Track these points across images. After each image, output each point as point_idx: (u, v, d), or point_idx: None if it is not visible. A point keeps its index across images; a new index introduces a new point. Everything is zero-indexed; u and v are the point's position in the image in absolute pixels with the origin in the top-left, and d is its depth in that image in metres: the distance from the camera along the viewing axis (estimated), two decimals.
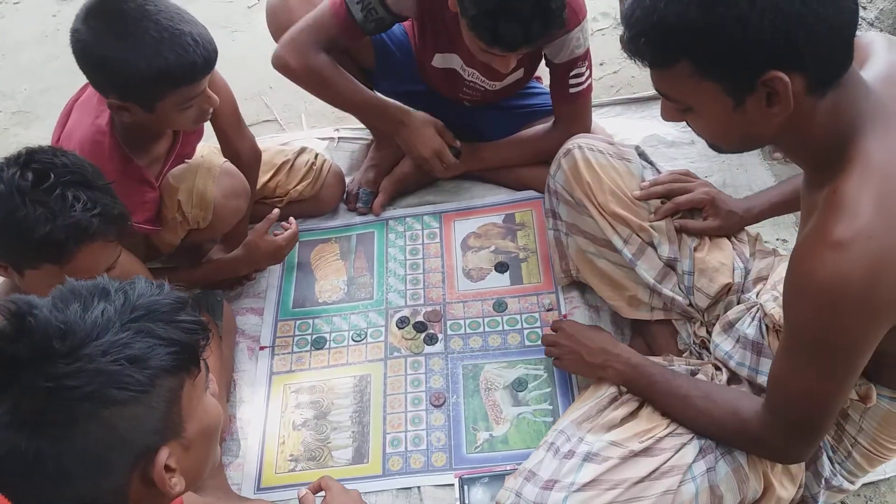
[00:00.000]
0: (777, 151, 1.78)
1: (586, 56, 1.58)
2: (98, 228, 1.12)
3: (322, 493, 1.09)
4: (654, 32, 0.85)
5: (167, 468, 0.70)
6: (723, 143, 0.97)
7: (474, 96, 1.72)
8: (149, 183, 1.44)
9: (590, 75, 1.62)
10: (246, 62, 2.25)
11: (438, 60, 1.64)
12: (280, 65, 1.59)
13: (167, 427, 0.70)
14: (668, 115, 0.96)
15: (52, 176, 1.09)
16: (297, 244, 1.77)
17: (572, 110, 1.64)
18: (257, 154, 1.67)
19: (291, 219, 1.65)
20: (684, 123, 0.97)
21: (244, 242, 1.61)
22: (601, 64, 2.16)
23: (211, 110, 1.41)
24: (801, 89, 0.82)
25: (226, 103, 1.56)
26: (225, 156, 1.64)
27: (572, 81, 1.59)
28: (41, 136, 2.24)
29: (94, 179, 1.15)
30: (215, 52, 1.32)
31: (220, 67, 1.59)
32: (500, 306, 1.60)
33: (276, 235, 1.62)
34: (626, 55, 0.91)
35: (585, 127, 1.65)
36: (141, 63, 1.23)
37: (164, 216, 1.49)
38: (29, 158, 1.11)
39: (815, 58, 0.80)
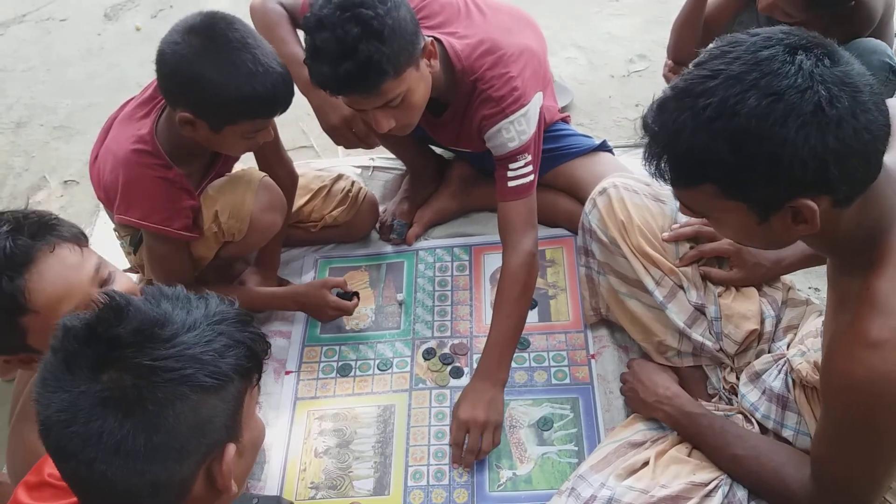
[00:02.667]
0: None
1: (526, 150, 1.46)
2: (22, 256, 0.96)
3: None
4: (678, 158, 0.83)
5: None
6: (746, 245, 1.01)
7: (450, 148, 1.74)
8: (188, 191, 1.47)
9: (532, 172, 1.48)
10: None
11: None
12: (250, 6, 1.60)
13: (233, 426, 0.74)
14: (687, 214, 0.96)
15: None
16: (328, 270, 1.79)
17: (512, 206, 1.47)
18: (295, 178, 1.70)
19: (356, 300, 1.64)
20: None
21: (305, 289, 1.63)
22: (637, 105, 2.18)
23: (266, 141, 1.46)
24: (828, 207, 0.82)
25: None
26: None
27: (510, 174, 1.46)
28: (81, 150, 2.30)
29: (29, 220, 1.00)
30: (293, 93, 1.38)
31: None
32: (522, 343, 1.58)
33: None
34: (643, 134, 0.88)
35: (524, 231, 1.46)
36: (232, 88, 1.29)
37: (200, 228, 1.51)
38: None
39: (844, 183, 0.80)
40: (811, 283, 1.64)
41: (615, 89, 2.25)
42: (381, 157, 2.06)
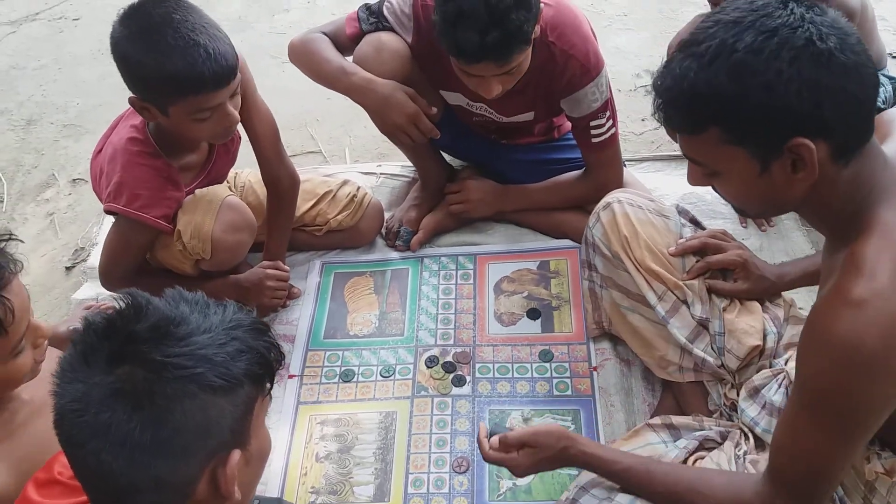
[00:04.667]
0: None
1: (606, 107, 1.59)
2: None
3: None
4: (684, 100, 0.87)
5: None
6: (748, 206, 1.00)
7: (488, 126, 1.76)
8: (174, 182, 1.49)
9: (613, 124, 1.63)
10: (293, 93, 2.30)
11: (446, 97, 1.69)
12: (289, 45, 1.64)
13: (241, 431, 0.75)
14: (694, 180, 0.98)
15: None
16: (333, 275, 1.80)
17: (599, 159, 1.67)
18: (296, 181, 1.71)
19: (288, 269, 1.70)
20: None
21: (244, 275, 1.66)
22: (643, 119, 2.19)
23: (233, 128, 1.45)
24: (826, 156, 0.85)
25: (267, 129, 1.62)
26: (265, 180, 1.69)
27: (594, 132, 1.61)
28: (90, 148, 2.28)
29: None
30: (229, 69, 1.35)
31: (268, 96, 1.64)
32: (545, 355, 1.59)
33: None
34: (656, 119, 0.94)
35: (616, 174, 1.68)
36: (152, 66, 1.30)
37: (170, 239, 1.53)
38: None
39: (840, 126, 0.83)
40: (814, 301, 1.65)
41: (622, 104, 2.25)
42: (389, 163, 2.08)
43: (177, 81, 1.31)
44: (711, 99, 0.85)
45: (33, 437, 1.05)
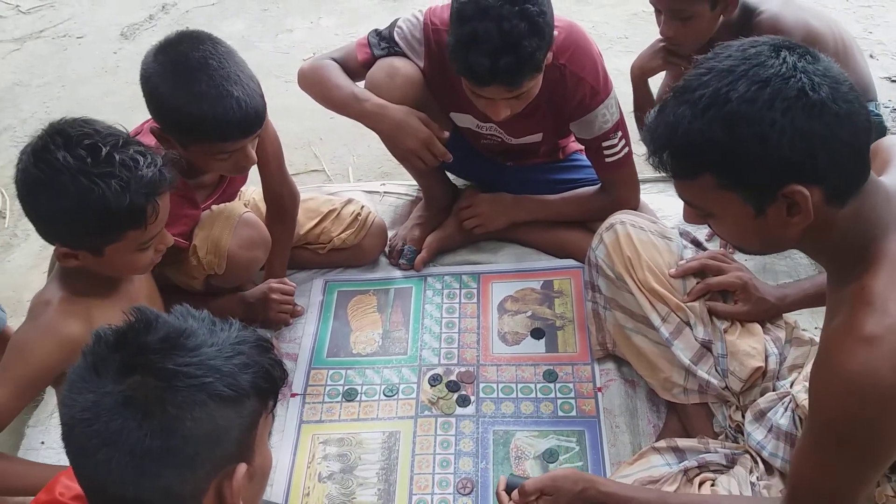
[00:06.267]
0: None
1: (617, 127, 1.61)
2: (170, 177, 1.16)
3: None
4: (679, 148, 0.89)
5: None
6: (744, 246, 1.01)
7: (494, 148, 1.77)
8: (191, 200, 1.50)
9: (626, 143, 1.64)
10: (297, 112, 2.32)
11: (455, 119, 1.71)
12: (298, 72, 1.66)
13: (246, 445, 0.76)
14: (690, 218, 0.99)
15: (104, 146, 1.10)
16: (336, 294, 1.80)
17: (614, 178, 1.68)
18: (297, 198, 1.73)
19: (294, 285, 1.71)
20: None
21: (250, 291, 1.67)
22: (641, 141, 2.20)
23: (249, 167, 1.46)
24: (821, 200, 0.85)
25: (274, 149, 1.64)
26: (267, 198, 1.70)
27: (607, 153, 1.62)
28: None
29: (131, 137, 1.18)
30: (258, 121, 1.36)
31: (272, 115, 1.64)
32: (550, 375, 1.59)
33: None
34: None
35: (634, 192, 1.69)
36: (182, 109, 1.31)
37: (186, 255, 1.53)
38: (65, 136, 1.12)
39: (833, 172, 0.84)
40: (816, 324, 1.65)
41: None
42: (393, 182, 2.09)
43: (204, 128, 1.32)
44: (705, 147, 0.86)
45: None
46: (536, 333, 1.68)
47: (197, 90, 1.29)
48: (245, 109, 1.32)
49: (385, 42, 1.61)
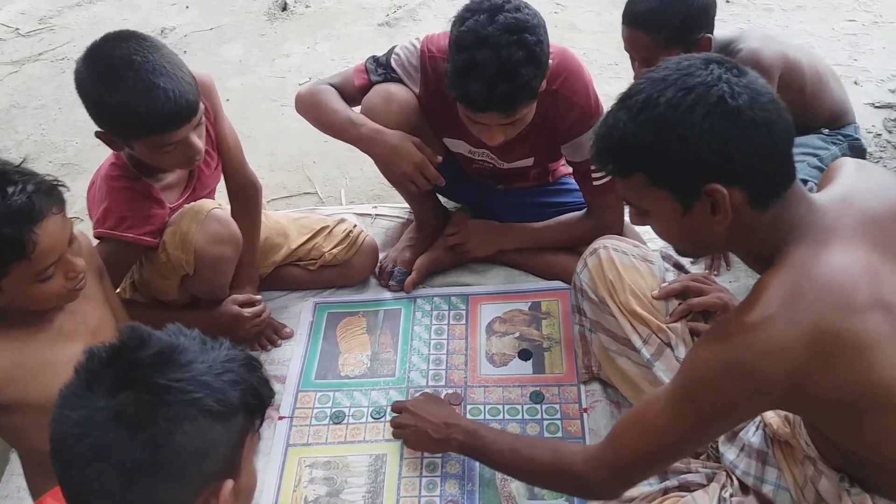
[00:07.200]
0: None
1: None
2: (42, 203, 1.13)
3: None
4: (614, 147, 0.97)
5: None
6: (678, 245, 1.10)
7: (485, 172, 1.80)
8: (157, 200, 1.52)
9: None
10: (291, 135, 2.34)
11: (448, 144, 1.73)
12: (296, 96, 1.68)
13: (234, 461, 0.77)
14: (633, 219, 1.07)
15: None
16: (326, 315, 1.81)
17: (599, 202, 1.70)
18: (259, 188, 1.77)
19: (260, 297, 1.73)
20: None
21: (218, 309, 1.68)
22: None
23: (197, 157, 1.46)
24: (743, 202, 0.93)
25: (234, 142, 1.70)
26: (232, 191, 1.73)
27: (595, 175, 1.63)
28: (86, 188, 2.32)
29: (5, 164, 1.15)
30: (189, 108, 1.36)
31: (267, 139, 1.68)
32: (537, 397, 1.59)
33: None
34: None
35: (618, 216, 1.70)
36: (114, 107, 1.34)
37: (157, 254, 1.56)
38: None
39: (751, 175, 0.92)
40: None
41: None
42: (384, 204, 2.11)
43: (138, 122, 1.34)
44: (636, 148, 0.94)
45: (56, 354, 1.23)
46: (524, 355, 1.68)
47: (124, 87, 1.30)
48: (174, 99, 1.33)
49: (382, 68, 1.64)
